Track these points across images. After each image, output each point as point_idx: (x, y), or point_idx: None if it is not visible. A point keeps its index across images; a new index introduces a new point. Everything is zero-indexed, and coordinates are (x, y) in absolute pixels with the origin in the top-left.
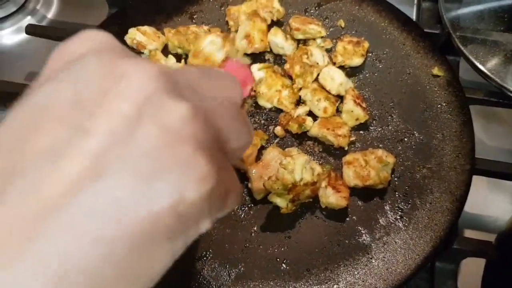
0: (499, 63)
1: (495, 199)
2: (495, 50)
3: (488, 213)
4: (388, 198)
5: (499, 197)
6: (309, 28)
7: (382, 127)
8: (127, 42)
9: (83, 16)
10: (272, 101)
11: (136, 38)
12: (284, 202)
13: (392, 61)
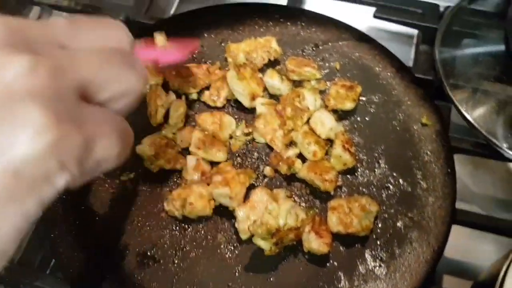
0: (488, 115)
1: (476, 247)
2: (485, 101)
3: (469, 259)
4: (369, 245)
5: (480, 245)
6: (304, 70)
7: (369, 173)
8: None
9: None
10: (266, 138)
11: None
12: (268, 245)
13: (383, 107)
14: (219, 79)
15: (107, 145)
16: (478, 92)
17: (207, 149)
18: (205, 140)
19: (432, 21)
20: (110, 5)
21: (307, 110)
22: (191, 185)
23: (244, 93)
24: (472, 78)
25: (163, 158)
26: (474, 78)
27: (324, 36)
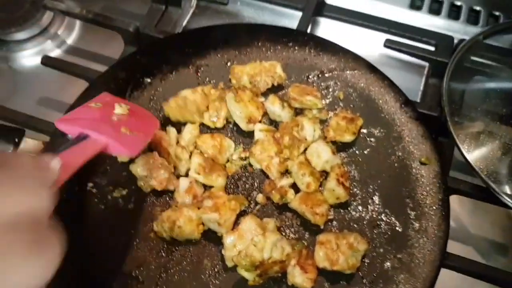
0: (490, 158)
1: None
2: (489, 143)
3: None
4: (354, 284)
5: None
6: (306, 99)
7: (362, 208)
8: None
9: (101, 46)
10: (262, 164)
11: None
12: (252, 276)
13: (384, 141)
14: (217, 99)
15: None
16: (483, 133)
17: (207, 174)
18: (205, 165)
19: (443, 55)
20: (122, 14)
21: (304, 141)
22: (182, 208)
23: (241, 116)
24: (479, 117)
25: (156, 179)
26: (480, 117)
27: (330, 63)
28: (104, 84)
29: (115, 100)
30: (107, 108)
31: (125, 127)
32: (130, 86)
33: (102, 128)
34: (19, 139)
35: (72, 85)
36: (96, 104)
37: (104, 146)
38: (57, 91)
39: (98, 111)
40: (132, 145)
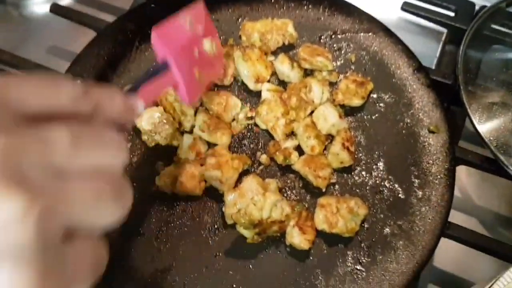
0: (502, 130)
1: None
2: (502, 114)
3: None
4: (352, 247)
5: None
6: (317, 60)
7: (366, 174)
8: None
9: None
10: (267, 125)
11: None
12: (250, 234)
13: (393, 107)
14: (224, 56)
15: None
16: (497, 104)
17: (211, 132)
18: (210, 123)
19: (463, 22)
20: None
21: (311, 103)
22: (184, 164)
23: (249, 75)
24: (494, 87)
25: (160, 134)
26: (496, 87)
27: (344, 24)
28: (112, 35)
29: (207, 25)
30: (195, 34)
31: (198, 69)
32: (137, 38)
33: (183, 64)
34: None
35: (81, 35)
36: (191, 23)
37: (174, 84)
38: (66, 40)
39: (187, 36)
40: (193, 94)
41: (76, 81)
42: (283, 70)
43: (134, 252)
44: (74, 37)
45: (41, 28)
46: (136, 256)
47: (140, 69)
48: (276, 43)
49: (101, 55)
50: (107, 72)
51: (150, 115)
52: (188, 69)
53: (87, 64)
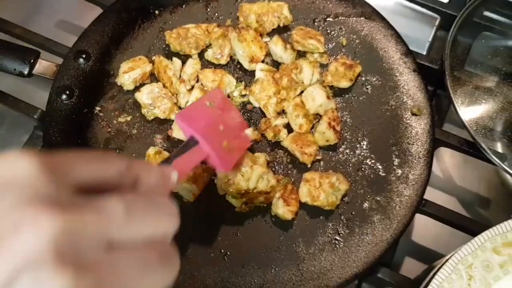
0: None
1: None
2: (484, 101)
3: (436, 247)
4: (332, 219)
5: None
6: (308, 42)
7: (349, 152)
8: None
9: None
10: (260, 103)
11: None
12: (238, 203)
13: (379, 89)
14: (220, 37)
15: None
16: (481, 89)
17: None
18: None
19: (455, 8)
20: None
21: (301, 84)
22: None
23: (244, 55)
24: (481, 74)
25: (159, 108)
26: (483, 74)
27: (338, 8)
28: (116, 13)
29: (226, 104)
30: (218, 111)
31: (226, 141)
32: (140, 16)
33: (211, 138)
34: (34, 60)
35: (89, 10)
36: (211, 104)
37: (206, 156)
38: (75, 14)
39: (211, 114)
40: (227, 162)
41: (121, 157)
42: (276, 51)
43: None
44: (81, 12)
45: (50, 2)
46: None
47: (143, 46)
48: (272, 25)
49: (105, 32)
50: (110, 48)
51: (150, 89)
52: (216, 141)
53: (92, 39)
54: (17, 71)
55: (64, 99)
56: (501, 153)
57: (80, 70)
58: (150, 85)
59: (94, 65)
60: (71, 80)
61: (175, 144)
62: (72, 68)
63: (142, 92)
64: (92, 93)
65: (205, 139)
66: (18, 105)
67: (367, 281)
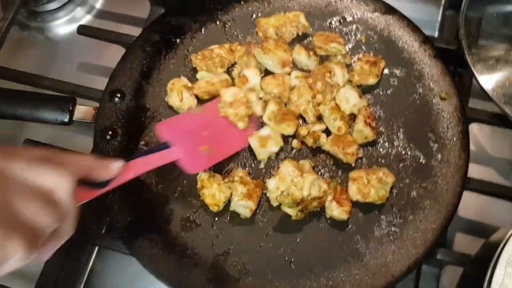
0: (507, 86)
1: (492, 208)
2: (506, 71)
3: (483, 220)
4: (385, 212)
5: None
6: (331, 46)
7: (388, 145)
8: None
9: (128, 7)
10: (299, 109)
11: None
12: (294, 211)
13: (405, 80)
14: (244, 54)
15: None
16: (500, 61)
17: (277, 122)
18: (278, 114)
19: None
20: None
21: (337, 86)
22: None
23: (275, 64)
24: (496, 45)
25: None
26: (497, 44)
27: (351, 7)
28: (140, 48)
29: (215, 111)
30: (204, 118)
31: (207, 146)
32: (163, 47)
33: (184, 144)
34: (73, 107)
35: (108, 49)
36: (201, 110)
37: (175, 159)
38: (94, 56)
39: (195, 121)
40: (196, 164)
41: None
42: (301, 60)
43: (194, 242)
44: (101, 52)
45: (68, 48)
46: (197, 245)
47: (172, 76)
48: (291, 35)
49: (134, 68)
50: (141, 83)
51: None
52: (192, 148)
53: (122, 78)
54: (58, 120)
55: (109, 140)
56: None
57: (117, 110)
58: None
59: (130, 102)
60: (111, 121)
61: (223, 165)
62: (109, 109)
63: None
64: (134, 129)
65: (178, 145)
66: None
67: (427, 263)
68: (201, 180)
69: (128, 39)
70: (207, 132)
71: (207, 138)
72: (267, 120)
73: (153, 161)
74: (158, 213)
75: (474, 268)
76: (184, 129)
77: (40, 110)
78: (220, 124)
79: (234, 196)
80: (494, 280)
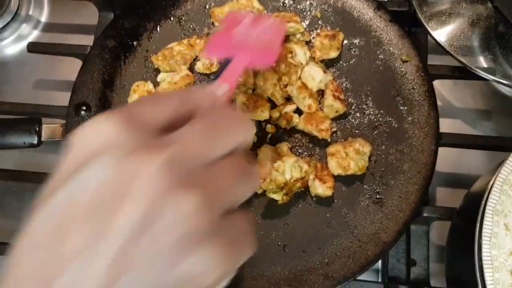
0: (463, 38)
1: (468, 158)
2: (459, 24)
3: (462, 171)
4: (367, 181)
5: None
6: (288, 26)
7: (359, 115)
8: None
9: (75, 15)
10: (267, 93)
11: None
12: (280, 195)
13: (365, 49)
14: (204, 47)
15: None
16: (451, 16)
17: (252, 111)
18: (249, 103)
19: None
20: None
21: (300, 65)
22: None
23: None
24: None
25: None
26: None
27: None
28: (98, 56)
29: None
30: (246, 23)
31: (262, 42)
32: (122, 52)
33: (244, 49)
34: (40, 128)
35: (61, 62)
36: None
37: (249, 61)
38: (49, 71)
39: (228, 33)
40: (268, 58)
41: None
42: None
43: None
44: (54, 66)
45: (19, 67)
46: None
47: (135, 80)
48: None
49: (95, 78)
50: (105, 92)
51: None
52: (251, 48)
53: (85, 90)
54: (27, 143)
55: None
56: (490, 68)
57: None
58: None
59: (96, 113)
60: None
61: None
62: (77, 123)
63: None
64: None
65: (240, 52)
66: (37, 177)
67: (414, 223)
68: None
69: (81, 50)
70: (255, 32)
71: (257, 37)
72: None
73: (234, 71)
74: None
75: (461, 220)
76: (235, 40)
77: (7, 136)
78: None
79: None
80: (484, 231)
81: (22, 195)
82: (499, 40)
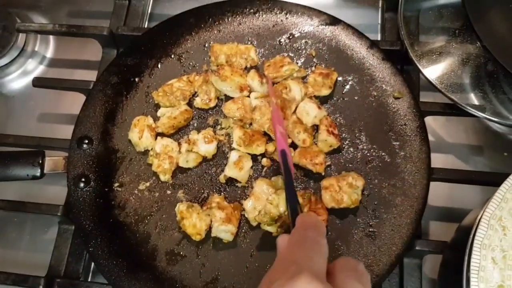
0: (453, 76)
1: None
2: (449, 62)
3: (453, 205)
4: (360, 215)
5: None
6: (283, 71)
7: (353, 150)
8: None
9: (80, 52)
10: (263, 127)
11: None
12: (274, 228)
13: (359, 85)
14: (203, 83)
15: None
16: (442, 54)
17: (248, 145)
18: (245, 138)
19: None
20: (89, 15)
21: (294, 101)
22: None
23: (232, 89)
24: (436, 39)
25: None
26: (437, 38)
27: (298, 24)
28: (101, 92)
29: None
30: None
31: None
32: (123, 88)
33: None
34: (43, 160)
35: (65, 96)
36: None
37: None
38: (53, 105)
39: (281, 115)
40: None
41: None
42: (254, 86)
43: (182, 274)
44: (59, 100)
45: (25, 101)
46: (185, 277)
47: (136, 114)
48: (240, 66)
49: (97, 112)
50: (107, 126)
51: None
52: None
53: (87, 124)
54: (30, 176)
55: (83, 187)
56: (480, 105)
57: (87, 156)
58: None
59: (98, 147)
60: (82, 167)
61: (198, 194)
62: (79, 156)
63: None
64: (106, 172)
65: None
66: (38, 208)
67: (408, 256)
68: (180, 211)
69: (85, 85)
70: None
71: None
72: (237, 146)
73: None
74: (142, 251)
75: (452, 253)
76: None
77: (10, 169)
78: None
79: (214, 222)
80: (472, 264)
81: (23, 226)
82: (488, 78)
